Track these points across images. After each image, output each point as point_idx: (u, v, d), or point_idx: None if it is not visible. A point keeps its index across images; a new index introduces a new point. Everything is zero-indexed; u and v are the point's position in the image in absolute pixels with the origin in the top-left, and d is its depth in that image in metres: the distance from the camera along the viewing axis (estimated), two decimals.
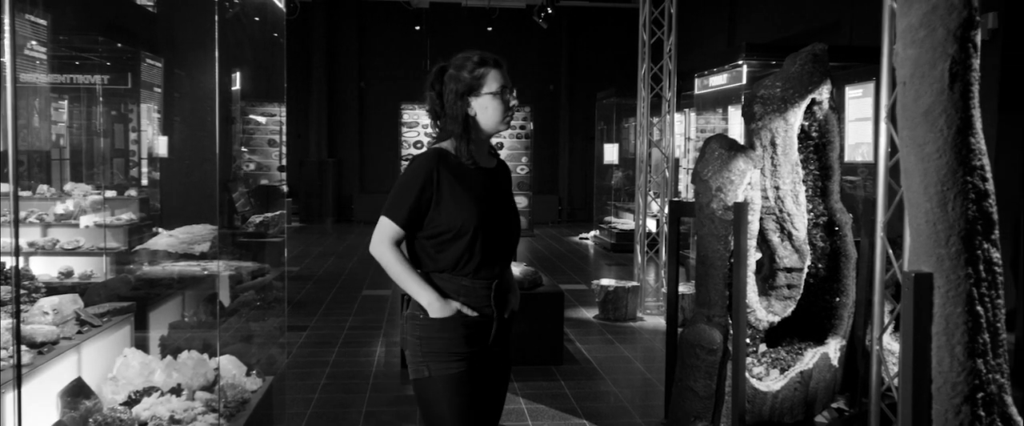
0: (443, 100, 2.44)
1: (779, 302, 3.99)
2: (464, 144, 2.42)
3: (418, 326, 2.39)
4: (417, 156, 2.42)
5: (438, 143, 2.47)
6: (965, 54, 1.82)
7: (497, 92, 2.44)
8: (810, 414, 3.95)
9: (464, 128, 2.42)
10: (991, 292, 1.87)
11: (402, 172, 2.43)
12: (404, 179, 2.39)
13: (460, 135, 2.42)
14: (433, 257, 2.40)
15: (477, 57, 2.44)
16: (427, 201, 2.36)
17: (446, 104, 2.43)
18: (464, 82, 2.41)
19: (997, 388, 1.87)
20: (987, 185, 1.87)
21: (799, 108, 3.92)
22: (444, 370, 2.37)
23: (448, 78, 2.45)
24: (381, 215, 2.40)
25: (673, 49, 7.68)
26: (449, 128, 2.44)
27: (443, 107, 2.45)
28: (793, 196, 3.94)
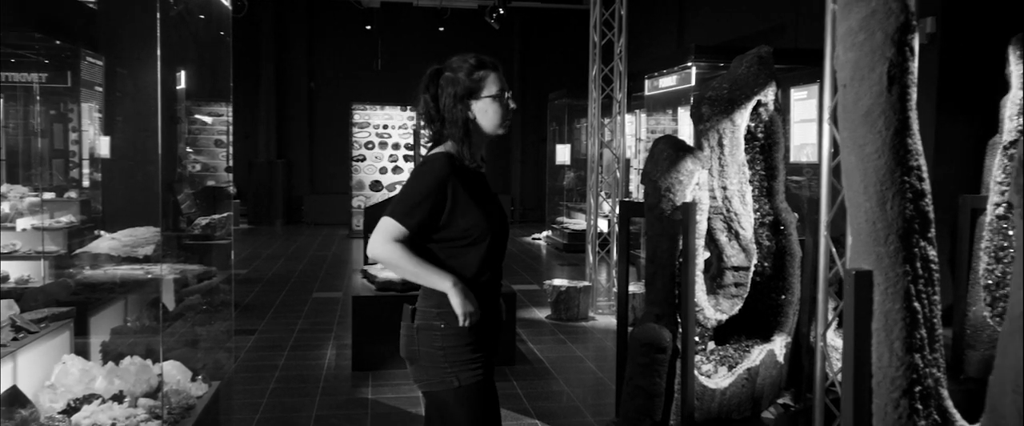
0: (439, 103, 2.40)
1: (727, 300, 4.05)
2: (466, 148, 2.38)
3: (440, 336, 2.33)
4: (428, 161, 2.35)
5: (436, 148, 2.42)
6: (903, 57, 1.87)
7: (497, 95, 2.41)
8: (757, 410, 4.02)
9: (465, 132, 2.38)
10: (928, 289, 1.93)
11: (413, 177, 2.34)
12: (418, 184, 2.30)
13: (462, 139, 2.38)
14: (441, 264, 2.34)
15: (474, 60, 2.41)
16: (440, 207, 2.29)
17: (444, 108, 2.38)
18: (463, 85, 2.37)
19: (934, 382, 1.92)
20: (924, 185, 1.92)
21: (745, 109, 3.98)
22: (472, 378, 2.32)
23: (445, 81, 2.40)
24: (384, 216, 2.29)
25: (623, 51, 7.75)
26: (449, 132, 2.38)
27: (439, 110, 2.40)
28: (740, 196, 4.00)
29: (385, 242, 2.26)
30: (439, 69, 2.43)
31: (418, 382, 2.40)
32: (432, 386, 2.34)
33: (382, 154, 14.48)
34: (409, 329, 2.38)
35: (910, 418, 1.88)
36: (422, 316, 2.35)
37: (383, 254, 2.27)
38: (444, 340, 2.31)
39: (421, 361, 2.35)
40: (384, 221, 2.28)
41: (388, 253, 2.26)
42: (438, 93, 2.40)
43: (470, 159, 2.38)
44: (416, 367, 2.38)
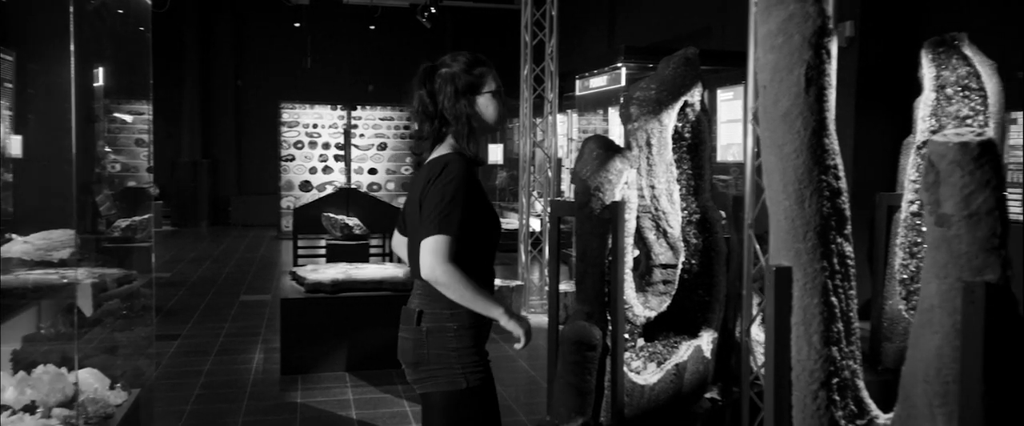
0: (437, 100, 2.37)
1: (655, 297, 4.11)
2: (471, 143, 2.36)
3: (453, 337, 2.31)
4: (446, 165, 2.29)
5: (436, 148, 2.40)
6: (820, 60, 1.93)
7: (496, 91, 2.42)
8: (685, 405, 4.09)
9: (470, 128, 2.36)
10: (844, 283, 1.99)
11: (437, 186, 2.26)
12: (446, 190, 2.23)
13: (467, 135, 2.36)
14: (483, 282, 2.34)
15: (471, 56, 2.41)
16: (470, 206, 2.26)
17: (444, 105, 2.36)
18: (464, 81, 2.37)
19: (850, 373, 1.99)
20: (840, 183, 1.98)
21: (673, 110, 4.05)
22: (478, 379, 2.33)
23: (444, 78, 2.38)
24: (432, 234, 2.20)
25: (555, 51, 7.80)
26: (454, 129, 2.37)
27: (437, 107, 2.37)
28: (668, 195, 4.06)
29: (441, 262, 2.20)
30: (433, 66, 2.42)
31: (422, 384, 2.37)
32: (439, 387, 2.32)
33: (312, 154, 14.26)
34: (416, 332, 2.35)
35: (828, 409, 1.94)
36: (432, 319, 2.33)
37: (442, 276, 2.20)
38: (458, 341, 2.31)
39: (430, 364, 2.33)
40: (429, 241, 2.21)
41: (447, 276, 2.19)
42: (435, 90, 2.38)
43: (474, 154, 2.38)
44: (422, 369, 2.36)
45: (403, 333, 2.40)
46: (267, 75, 16.12)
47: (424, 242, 2.21)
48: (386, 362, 5.58)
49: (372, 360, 5.55)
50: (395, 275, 5.74)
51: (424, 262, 2.21)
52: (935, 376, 1.83)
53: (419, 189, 2.32)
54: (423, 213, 2.25)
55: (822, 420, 1.95)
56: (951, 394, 1.81)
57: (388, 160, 14.55)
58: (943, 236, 1.77)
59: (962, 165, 1.72)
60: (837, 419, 1.96)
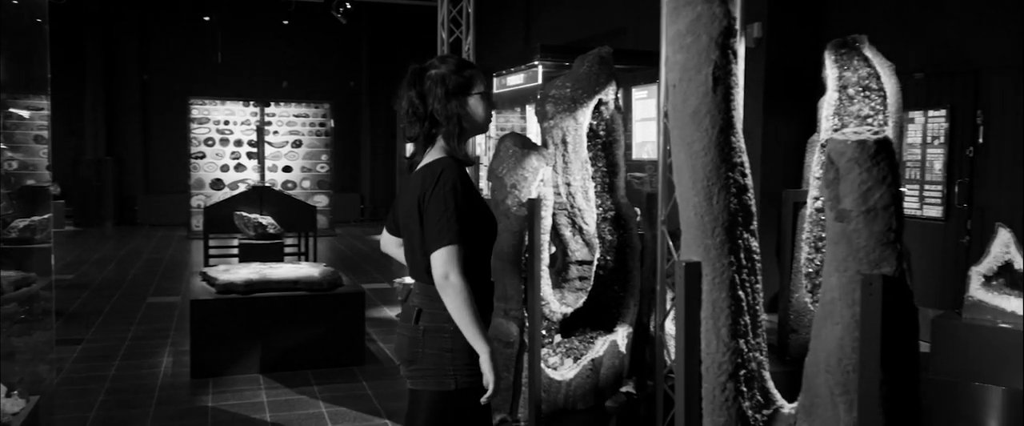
0: (426, 101, 2.40)
1: (572, 294, 4.15)
2: (461, 144, 2.40)
3: (449, 339, 2.34)
4: (446, 172, 2.32)
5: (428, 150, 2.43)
6: (726, 60, 1.98)
7: (484, 93, 2.46)
8: (601, 399, 4.15)
9: (461, 128, 2.40)
10: (751, 278, 2.05)
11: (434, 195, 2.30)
12: (442, 197, 2.28)
13: (457, 135, 2.39)
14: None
15: (459, 59, 2.48)
16: (466, 208, 2.30)
17: (434, 106, 2.39)
18: (454, 82, 2.40)
19: (757, 365, 2.05)
20: (746, 180, 2.04)
21: (587, 108, 4.10)
22: (467, 382, 2.34)
23: (434, 79, 2.41)
24: (442, 245, 2.25)
25: (471, 48, 7.79)
26: (444, 130, 2.40)
27: (427, 108, 2.40)
28: (583, 192, 4.11)
29: (456, 273, 2.25)
30: (421, 68, 2.46)
31: (414, 381, 2.42)
32: (429, 386, 2.37)
33: (223, 151, 13.87)
34: (413, 331, 2.40)
35: (735, 400, 2.00)
36: (430, 319, 2.36)
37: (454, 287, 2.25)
38: (453, 343, 2.33)
39: (424, 362, 2.37)
40: (440, 253, 2.26)
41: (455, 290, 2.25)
42: (424, 91, 2.41)
43: (464, 155, 2.42)
44: (416, 368, 2.40)
45: (401, 330, 2.46)
46: (175, 70, 15.59)
47: (435, 255, 2.26)
48: (302, 363, 5.47)
49: (287, 361, 5.44)
50: (310, 275, 5.64)
51: (436, 272, 2.26)
52: (836, 366, 1.91)
53: (416, 195, 2.35)
54: (427, 223, 2.30)
55: (730, 411, 2.00)
56: (851, 382, 1.89)
57: (304, 158, 14.28)
58: (843, 231, 1.84)
59: (860, 162, 1.79)
60: (744, 409, 2.02)
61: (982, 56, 6.00)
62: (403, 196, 2.48)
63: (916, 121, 6.48)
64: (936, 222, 6.34)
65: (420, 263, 2.37)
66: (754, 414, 2.05)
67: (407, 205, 2.41)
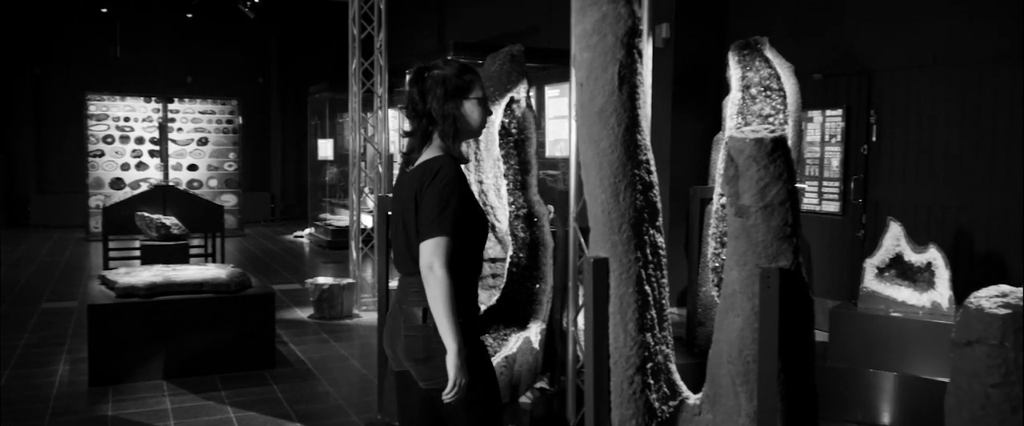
0: (425, 99, 2.48)
1: (485, 291, 4.16)
2: (456, 143, 2.48)
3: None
4: (444, 168, 2.38)
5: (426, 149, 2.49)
6: (631, 59, 2.02)
7: (481, 98, 2.53)
8: (515, 395, 4.18)
9: (455, 129, 2.47)
10: (657, 273, 2.10)
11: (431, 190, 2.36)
12: (439, 191, 2.34)
13: (452, 135, 2.47)
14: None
15: (461, 64, 2.56)
16: (462, 205, 2.36)
17: (433, 105, 2.47)
18: (453, 84, 2.47)
19: (663, 358, 2.10)
20: (652, 177, 2.09)
21: (499, 106, 4.11)
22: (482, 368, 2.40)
23: (434, 79, 2.49)
24: (433, 236, 2.30)
25: (384, 45, 7.71)
26: (440, 129, 2.47)
27: (426, 107, 2.48)
28: (496, 190, 4.12)
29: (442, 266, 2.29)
30: (424, 67, 2.54)
31: (432, 380, 2.41)
32: (433, 384, 2.39)
33: (124, 149, 13.33)
34: (425, 330, 2.41)
35: (643, 392, 2.04)
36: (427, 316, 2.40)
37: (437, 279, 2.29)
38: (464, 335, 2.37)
39: (437, 359, 2.36)
40: (429, 243, 2.31)
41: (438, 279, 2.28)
42: (425, 90, 2.49)
43: (460, 155, 2.49)
44: (429, 366, 2.41)
45: (409, 332, 2.44)
46: (71, 64, 14.89)
47: (424, 243, 2.32)
48: (209, 368, 5.31)
49: (193, 367, 5.27)
50: (217, 276, 5.48)
51: (422, 261, 2.32)
52: (737, 356, 1.97)
53: (413, 190, 2.41)
54: (421, 215, 2.36)
55: (638, 403, 2.05)
56: (751, 372, 1.95)
57: (210, 156, 13.85)
58: (742, 226, 1.90)
59: (757, 160, 1.85)
60: (651, 401, 2.07)
61: (874, 58, 6.30)
62: (399, 191, 2.54)
63: (815, 120, 6.75)
64: (834, 217, 6.62)
65: (415, 257, 2.41)
66: (661, 406, 2.09)
67: (403, 199, 2.47)
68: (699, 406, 2.13)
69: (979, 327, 1.79)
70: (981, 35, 5.53)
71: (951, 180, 5.78)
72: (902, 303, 4.77)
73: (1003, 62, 5.42)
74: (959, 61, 5.69)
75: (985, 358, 1.78)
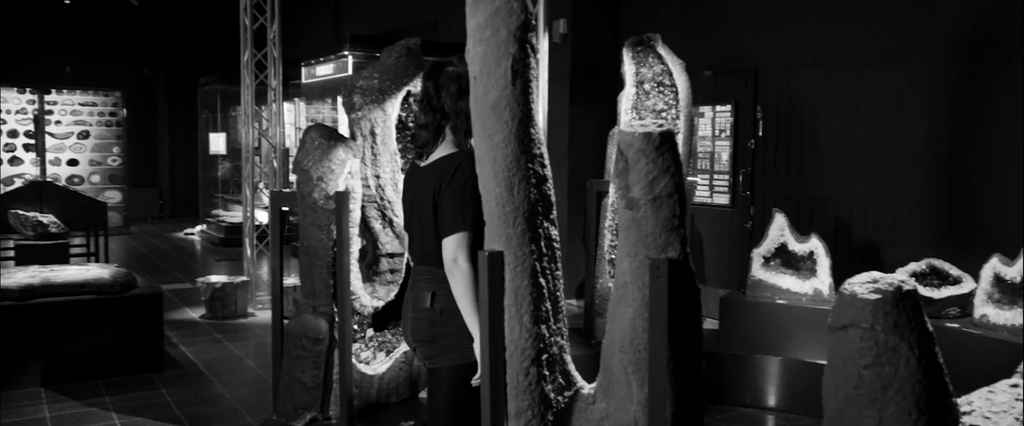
0: (439, 94, 2.60)
1: (383, 287, 4.12)
2: (468, 139, 2.55)
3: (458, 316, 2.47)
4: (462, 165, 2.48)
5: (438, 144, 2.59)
6: (524, 54, 2.03)
7: None
8: (415, 391, 4.16)
9: (467, 124, 2.51)
10: (551, 265, 2.12)
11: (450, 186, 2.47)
12: (459, 187, 2.46)
13: (465, 131, 2.54)
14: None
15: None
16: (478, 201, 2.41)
17: (447, 101, 2.59)
18: (466, 82, 2.50)
19: (558, 349, 2.13)
20: (545, 171, 2.11)
21: (396, 99, 4.07)
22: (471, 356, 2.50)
23: (449, 75, 2.60)
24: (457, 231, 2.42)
25: (277, 36, 7.51)
26: (453, 124, 2.58)
27: (440, 101, 2.59)
28: (393, 184, 4.09)
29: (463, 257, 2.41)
30: (440, 63, 2.65)
31: (435, 360, 2.56)
32: (453, 360, 2.52)
33: None
34: (431, 313, 2.56)
35: (538, 384, 2.07)
36: (445, 299, 2.50)
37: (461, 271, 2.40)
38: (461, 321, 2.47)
39: (445, 340, 2.52)
40: (454, 238, 2.43)
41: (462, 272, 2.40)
42: (440, 85, 2.60)
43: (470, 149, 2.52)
44: (437, 346, 2.55)
45: (416, 315, 2.59)
46: None
47: (448, 239, 2.44)
48: (92, 373, 5.07)
49: (74, 372, 5.02)
50: (100, 277, 5.22)
51: (446, 255, 2.44)
52: (629, 345, 2.02)
53: (431, 186, 2.52)
54: (442, 212, 2.47)
55: (533, 394, 2.07)
56: (643, 361, 2.00)
57: (92, 150, 13.17)
58: (632, 218, 1.95)
59: (646, 153, 1.90)
60: (547, 392, 2.09)
61: (760, 56, 6.56)
62: (412, 185, 2.67)
63: (706, 115, 6.98)
64: (724, 209, 6.86)
65: (431, 249, 2.53)
66: (556, 396, 2.13)
67: (420, 193, 2.58)
68: (593, 395, 2.17)
69: (852, 311, 1.88)
70: (859, 35, 5.84)
71: (831, 173, 6.08)
72: (787, 291, 4.99)
73: (879, 61, 5.74)
74: (838, 59, 5.99)
75: (858, 341, 1.87)
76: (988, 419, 1.97)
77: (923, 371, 1.84)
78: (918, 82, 5.51)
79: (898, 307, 1.84)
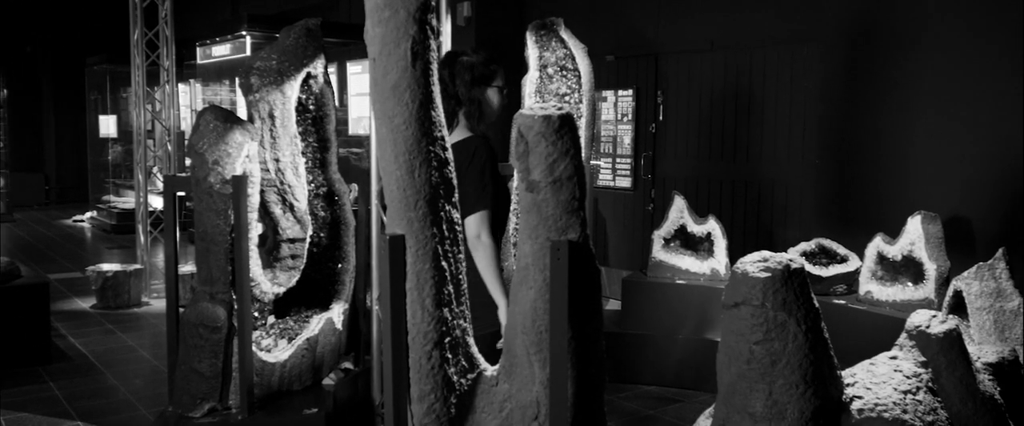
0: (454, 82, 2.81)
1: (284, 273, 4.03)
2: (480, 125, 2.82)
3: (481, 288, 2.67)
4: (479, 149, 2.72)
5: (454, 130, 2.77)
6: (424, 35, 2.00)
7: (502, 87, 2.91)
8: (318, 377, 4.09)
9: (480, 112, 2.81)
10: (453, 248, 2.12)
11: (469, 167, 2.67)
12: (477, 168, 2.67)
13: (478, 117, 2.81)
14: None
15: (488, 54, 2.92)
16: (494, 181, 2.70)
17: (461, 88, 2.81)
18: (479, 71, 2.82)
19: (461, 332, 2.13)
20: (447, 154, 2.10)
21: (295, 81, 3.97)
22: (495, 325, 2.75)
23: (463, 65, 2.82)
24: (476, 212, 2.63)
25: (169, 14, 7.21)
26: (465, 110, 2.81)
27: (455, 89, 2.81)
28: (293, 168, 3.99)
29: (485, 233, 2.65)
30: (455, 53, 2.88)
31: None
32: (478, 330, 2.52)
33: None
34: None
35: (441, 367, 2.06)
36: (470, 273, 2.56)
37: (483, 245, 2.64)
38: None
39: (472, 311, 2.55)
40: (475, 217, 2.63)
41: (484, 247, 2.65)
42: (454, 73, 2.82)
43: (483, 134, 2.83)
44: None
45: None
46: None
47: (471, 218, 2.63)
48: None
49: None
50: None
51: (470, 232, 2.64)
52: (531, 327, 2.04)
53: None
54: (464, 192, 2.51)
55: (437, 378, 2.06)
56: (544, 341, 2.02)
57: None
58: (533, 201, 1.96)
59: (546, 136, 1.91)
60: (450, 376, 2.09)
61: (660, 42, 6.69)
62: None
63: (608, 100, 7.09)
64: (627, 192, 7.00)
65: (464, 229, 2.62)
66: (459, 379, 2.13)
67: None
68: (496, 377, 2.18)
69: (744, 290, 1.95)
70: (753, 22, 6.03)
71: (728, 156, 6.28)
72: (686, 271, 5.14)
73: (772, 46, 5.95)
74: (734, 46, 6.17)
75: (749, 318, 1.94)
76: (869, 389, 2.08)
77: (810, 346, 1.93)
78: (808, 68, 5.74)
79: (787, 285, 1.92)
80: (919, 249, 4.27)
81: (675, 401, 4.76)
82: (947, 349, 2.16)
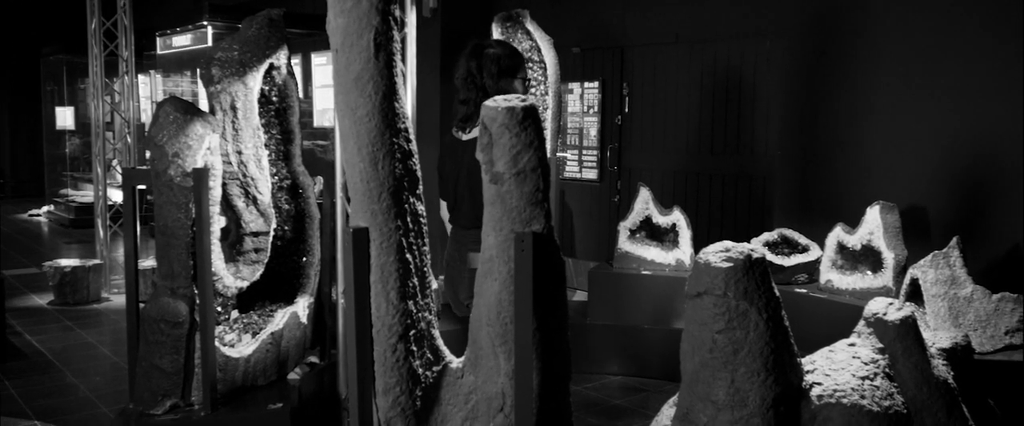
0: (481, 73, 2.97)
1: (247, 267, 3.99)
2: None
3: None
4: None
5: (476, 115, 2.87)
6: (387, 26, 1.99)
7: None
8: (283, 372, 4.05)
9: None
10: (418, 241, 2.11)
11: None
12: None
13: None
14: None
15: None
16: None
17: (488, 80, 2.95)
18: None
19: (426, 324, 2.13)
20: (411, 146, 2.09)
21: (258, 72, 3.92)
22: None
23: (490, 57, 2.97)
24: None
25: (128, 3, 7.07)
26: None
27: (481, 80, 2.96)
28: (256, 160, 3.94)
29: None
30: (480, 45, 3.02)
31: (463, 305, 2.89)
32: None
33: None
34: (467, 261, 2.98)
35: (406, 360, 2.06)
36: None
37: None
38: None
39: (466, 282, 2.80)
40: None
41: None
42: (481, 65, 2.97)
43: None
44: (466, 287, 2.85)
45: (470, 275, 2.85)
46: None
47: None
48: None
49: None
50: None
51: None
52: (496, 318, 2.04)
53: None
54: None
55: (402, 370, 2.06)
56: (509, 333, 2.03)
57: None
58: (497, 192, 1.96)
59: (510, 128, 1.91)
60: (415, 368, 2.09)
61: (626, 35, 6.72)
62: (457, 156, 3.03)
63: (575, 92, 7.10)
64: (593, 184, 7.03)
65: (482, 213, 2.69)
66: (424, 372, 2.12)
67: (471, 163, 2.83)
68: (462, 369, 2.19)
69: (707, 279, 1.97)
70: (718, 15, 6.08)
71: (693, 148, 6.33)
72: (651, 262, 5.18)
73: (736, 40, 6.00)
74: (699, 39, 6.22)
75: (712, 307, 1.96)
76: (828, 376, 2.11)
77: (771, 334, 1.96)
78: (772, 61, 5.80)
79: (748, 274, 1.94)
80: (878, 238, 4.35)
81: (641, 391, 4.80)
82: (903, 336, 2.21)
